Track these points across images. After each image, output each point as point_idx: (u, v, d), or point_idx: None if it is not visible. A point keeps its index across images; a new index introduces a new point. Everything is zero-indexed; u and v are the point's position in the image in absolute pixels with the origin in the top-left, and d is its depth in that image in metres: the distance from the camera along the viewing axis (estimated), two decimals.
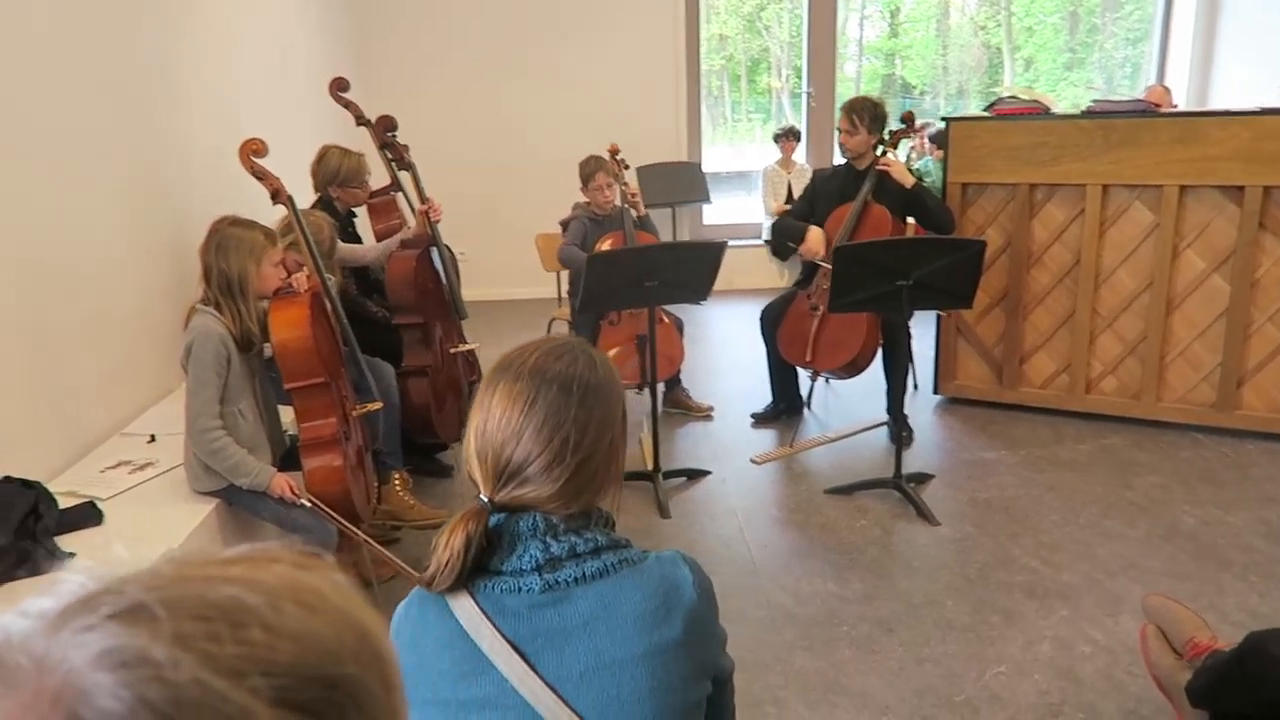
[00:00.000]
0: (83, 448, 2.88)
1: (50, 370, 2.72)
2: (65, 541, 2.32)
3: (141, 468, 2.74)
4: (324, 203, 3.81)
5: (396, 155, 3.47)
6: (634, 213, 4.32)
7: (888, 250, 3.44)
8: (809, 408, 4.67)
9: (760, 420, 4.50)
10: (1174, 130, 3.97)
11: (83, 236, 2.89)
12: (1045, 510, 3.52)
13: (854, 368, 4.07)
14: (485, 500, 1.14)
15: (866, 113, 4.05)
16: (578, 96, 6.93)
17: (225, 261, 2.49)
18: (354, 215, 3.96)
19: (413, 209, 4.06)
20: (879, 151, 4.15)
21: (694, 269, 3.59)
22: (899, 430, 4.20)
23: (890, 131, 4.22)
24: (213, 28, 4.03)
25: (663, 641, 1.11)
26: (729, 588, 3.04)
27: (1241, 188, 3.89)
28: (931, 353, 4.68)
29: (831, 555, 3.25)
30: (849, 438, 4.29)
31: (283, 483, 2.51)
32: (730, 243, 3.97)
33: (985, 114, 4.40)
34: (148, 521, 2.44)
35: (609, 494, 1.21)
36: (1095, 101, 4.27)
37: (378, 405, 2.81)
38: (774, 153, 7.13)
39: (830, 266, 3.61)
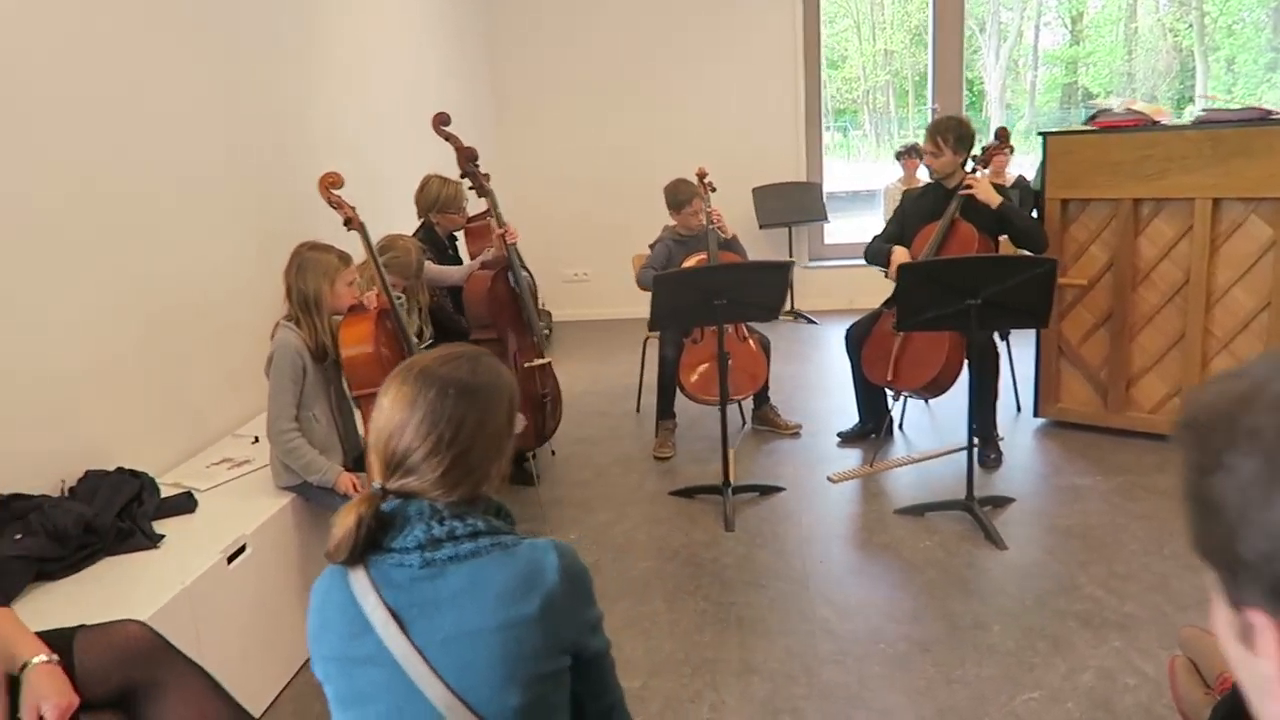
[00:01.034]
0: (200, 444, 3.27)
1: (174, 377, 3.12)
2: (161, 525, 2.66)
3: (240, 464, 3.08)
4: (426, 227, 4.15)
5: (477, 183, 3.74)
6: (721, 234, 4.43)
7: (955, 268, 3.40)
8: (900, 428, 4.62)
9: (846, 440, 4.49)
10: None
11: (216, 266, 3.31)
12: (1127, 539, 3.36)
13: (935, 387, 4.01)
14: (378, 487, 1.31)
15: (951, 133, 4.01)
16: (699, 120, 7.10)
17: (304, 281, 2.80)
18: (455, 238, 4.27)
19: None
20: (970, 169, 4.09)
21: (761, 287, 3.67)
22: (986, 452, 4.12)
23: (984, 148, 4.15)
24: (343, 73, 4.46)
25: (518, 616, 1.24)
26: (774, 600, 3.10)
27: None
28: (1033, 374, 4.53)
29: (887, 574, 3.24)
30: (934, 459, 4.21)
31: (348, 481, 2.78)
32: (844, 262, 4.00)
33: (1085, 127, 4.24)
34: (233, 511, 2.76)
35: (492, 484, 1.35)
36: (1206, 110, 4.04)
37: None
38: (897, 170, 7.04)
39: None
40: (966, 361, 4.02)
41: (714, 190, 4.64)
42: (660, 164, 6.95)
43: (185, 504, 2.78)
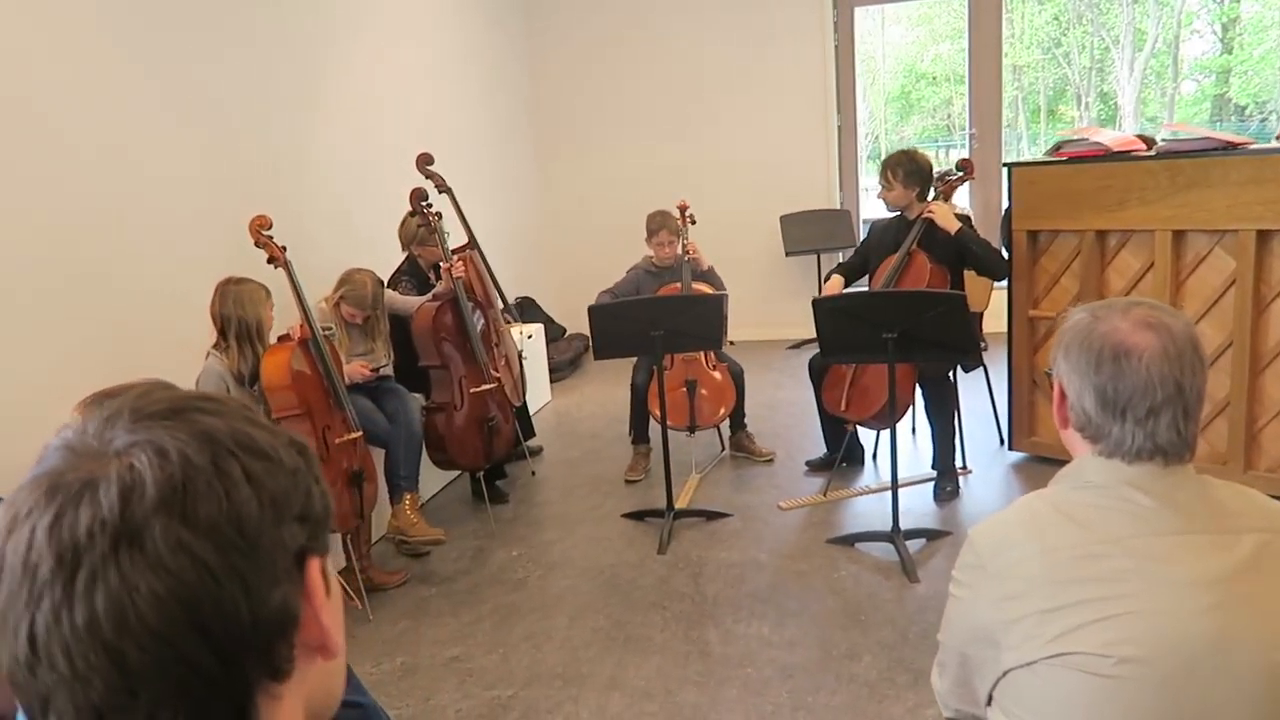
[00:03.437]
0: None
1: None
2: None
3: None
4: (410, 259, 4.46)
5: (425, 221, 4.02)
6: (695, 267, 4.57)
7: (867, 302, 3.46)
8: (874, 458, 4.64)
9: (813, 468, 4.54)
10: (1246, 169, 3.59)
11: (189, 269, 3.67)
12: None
13: (884, 418, 4.02)
14: None
15: (901, 168, 4.05)
16: (729, 147, 7.24)
17: (243, 310, 3.12)
18: (438, 269, 4.57)
19: (488, 266, 4.63)
20: (932, 196, 4.12)
21: (696, 319, 3.81)
22: (942, 485, 4.12)
23: (942, 177, 4.17)
24: (341, 118, 4.86)
25: None
26: (668, 621, 3.22)
27: None
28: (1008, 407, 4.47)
29: (788, 601, 3.31)
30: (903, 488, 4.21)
31: None
32: None
33: (1047, 158, 4.19)
34: None
35: None
36: (1166, 140, 3.93)
37: (355, 435, 3.33)
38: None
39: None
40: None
41: (693, 223, 4.79)
42: (692, 190, 7.03)
43: None
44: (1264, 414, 3.75)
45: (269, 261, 3.20)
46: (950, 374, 4.08)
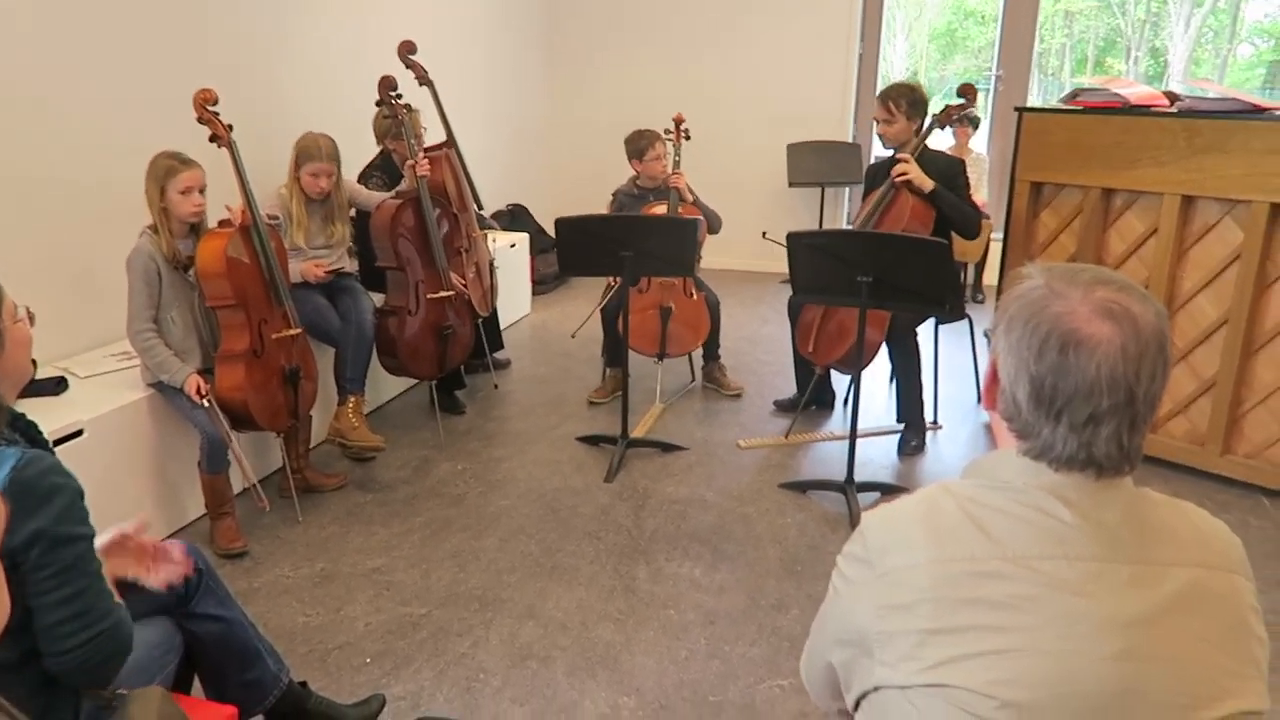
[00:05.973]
0: (110, 338, 3.50)
1: (85, 272, 3.36)
2: (24, 405, 2.91)
3: (131, 358, 3.31)
4: (384, 155, 4.26)
5: (393, 112, 3.80)
6: (681, 198, 4.36)
7: (846, 241, 3.26)
8: (845, 403, 4.49)
9: (781, 408, 4.40)
10: (1270, 137, 3.34)
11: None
12: None
13: (848, 364, 3.87)
14: None
15: (904, 99, 3.80)
16: (745, 69, 6.92)
17: (147, 186, 2.93)
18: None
19: (465, 168, 4.42)
20: (929, 124, 3.86)
21: (667, 242, 3.62)
22: (907, 438, 3.99)
23: (946, 106, 3.91)
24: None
25: None
26: (600, 553, 3.12)
27: None
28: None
29: (728, 544, 3.20)
30: (864, 438, 4.07)
31: (193, 383, 2.96)
32: None
33: (1062, 106, 3.92)
34: (93, 398, 3.00)
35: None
36: (1190, 97, 3.66)
37: (294, 332, 3.18)
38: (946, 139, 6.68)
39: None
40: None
41: (688, 139, 4.56)
42: (702, 109, 6.70)
43: (53, 387, 3.02)
44: (1250, 397, 3.57)
45: (211, 139, 3.01)
46: (915, 331, 3.90)
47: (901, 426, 4.05)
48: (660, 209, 4.36)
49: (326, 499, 3.47)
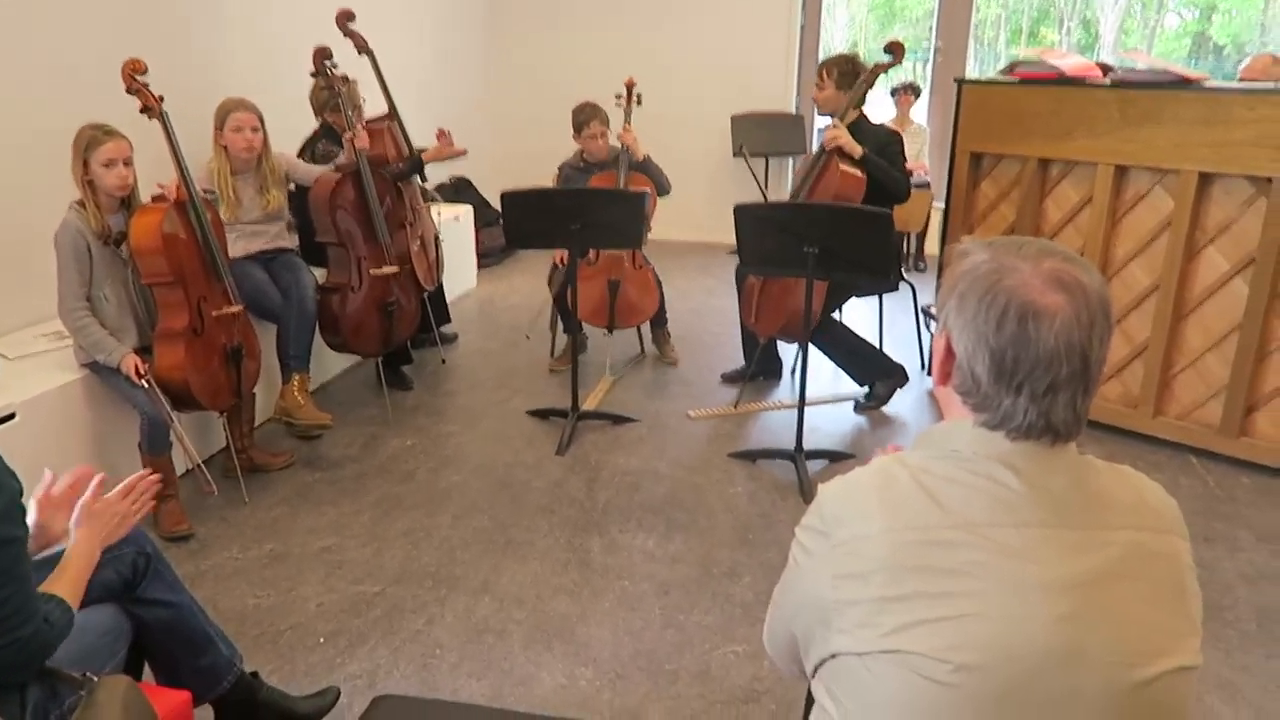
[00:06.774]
0: (43, 317, 3.40)
1: (19, 250, 3.24)
2: None
3: (64, 338, 3.21)
4: (325, 127, 4.16)
5: (329, 83, 3.72)
6: (632, 157, 4.33)
7: (791, 213, 3.29)
8: (793, 373, 4.54)
9: (728, 379, 4.44)
10: (1198, 107, 3.43)
11: None
12: None
13: (788, 334, 3.92)
14: None
15: (836, 68, 3.85)
16: (688, 39, 6.89)
17: (71, 159, 2.82)
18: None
19: (406, 137, 4.34)
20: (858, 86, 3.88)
21: (615, 214, 3.61)
22: (863, 403, 4.07)
23: (875, 64, 3.93)
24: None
25: None
26: (554, 527, 3.13)
27: (1269, 179, 3.32)
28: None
29: (680, 514, 3.23)
30: (815, 405, 4.14)
31: (132, 363, 2.88)
32: None
33: (1000, 78, 3.99)
34: (25, 380, 2.90)
35: None
36: (1123, 69, 3.75)
37: (235, 309, 3.12)
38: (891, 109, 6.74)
39: None
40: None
41: (639, 104, 4.52)
42: (645, 79, 6.69)
43: None
44: (1180, 360, 3.69)
45: (143, 110, 2.91)
46: (835, 313, 3.98)
47: (847, 395, 4.12)
48: (606, 182, 4.33)
49: (273, 478, 3.42)
